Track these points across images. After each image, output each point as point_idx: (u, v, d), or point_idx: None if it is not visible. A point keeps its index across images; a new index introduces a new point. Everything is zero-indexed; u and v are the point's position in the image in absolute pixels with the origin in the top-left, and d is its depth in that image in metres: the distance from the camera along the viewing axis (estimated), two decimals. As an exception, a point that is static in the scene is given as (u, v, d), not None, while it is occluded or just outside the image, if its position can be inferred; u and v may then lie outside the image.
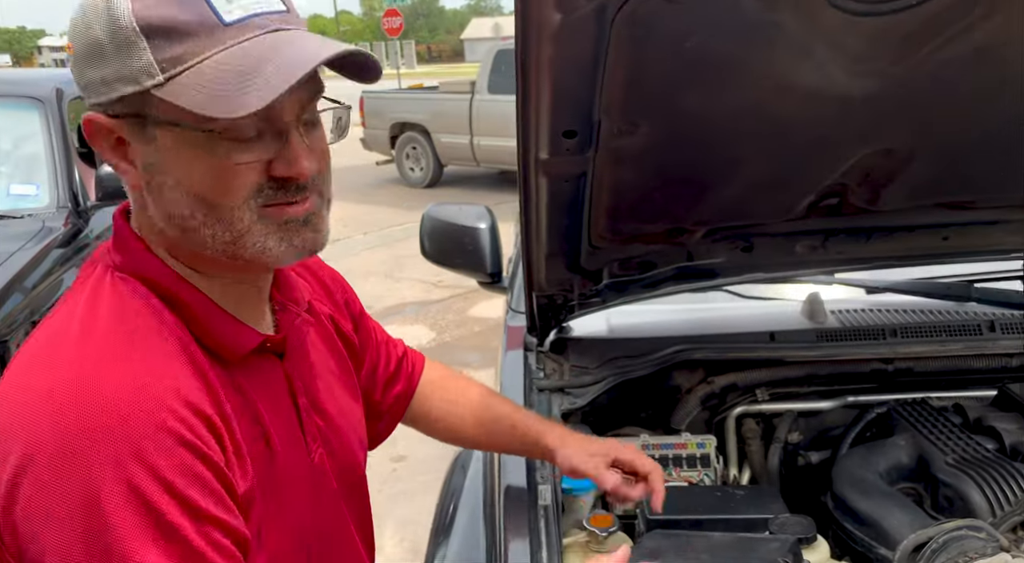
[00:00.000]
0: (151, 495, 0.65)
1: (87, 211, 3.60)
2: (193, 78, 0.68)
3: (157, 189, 0.74)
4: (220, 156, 0.71)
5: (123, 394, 0.66)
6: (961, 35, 1.07)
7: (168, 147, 0.72)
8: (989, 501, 1.22)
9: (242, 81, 0.67)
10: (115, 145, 0.74)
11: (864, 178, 1.38)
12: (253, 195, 0.73)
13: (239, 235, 0.74)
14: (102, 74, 0.71)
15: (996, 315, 1.62)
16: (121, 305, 0.73)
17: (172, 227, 0.75)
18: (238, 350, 0.79)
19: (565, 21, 1.00)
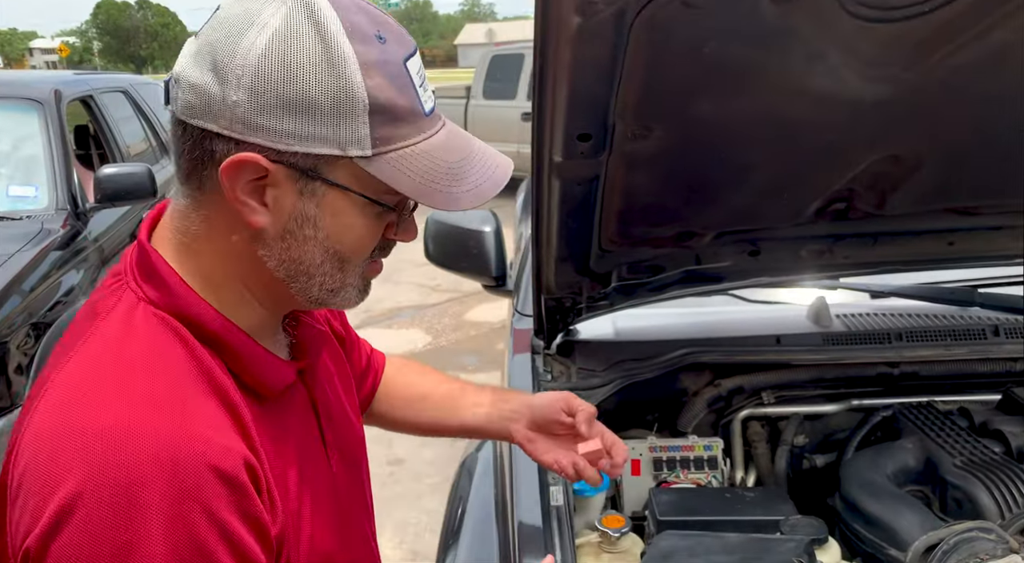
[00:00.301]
0: (203, 537, 0.65)
1: (86, 213, 3.58)
2: (400, 162, 0.72)
3: (302, 239, 0.74)
4: (379, 225, 0.77)
5: (165, 440, 0.66)
6: (972, 42, 1.09)
7: (332, 207, 0.73)
8: (998, 503, 1.23)
9: (453, 179, 0.74)
10: (255, 183, 0.72)
11: (872, 183, 1.39)
12: (371, 254, 0.80)
13: (342, 287, 0.79)
14: (299, 128, 0.70)
15: (1000, 320, 1.64)
16: (157, 346, 0.72)
17: (287, 271, 0.76)
18: (276, 387, 0.80)
19: (584, 25, 1.02)
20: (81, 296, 3.27)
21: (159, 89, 5.02)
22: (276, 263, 0.75)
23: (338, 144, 0.70)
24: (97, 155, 4.69)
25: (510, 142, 8.71)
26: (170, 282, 0.75)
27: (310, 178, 0.71)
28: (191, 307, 0.75)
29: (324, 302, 0.80)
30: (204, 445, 0.67)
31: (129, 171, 3.65)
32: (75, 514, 0.63)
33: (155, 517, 0.63)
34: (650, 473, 1.52)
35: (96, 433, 0.65)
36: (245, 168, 0.70)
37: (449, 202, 0.73)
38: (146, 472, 0.64)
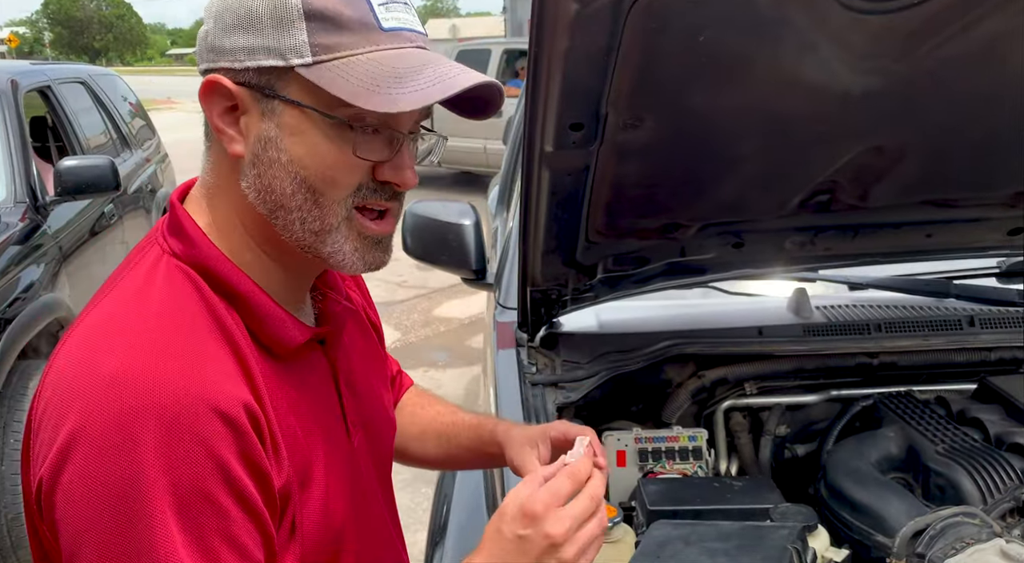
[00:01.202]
0: (201, 475, 0.67)
1: (46, 206, 3.48)
2: (343, 69, 0.72)
3: (267, 163, 0.75)
4: (342, 147, 0.74)
5: (173, 383, 0.68)
6: (962, 33, 1.10)
7: (291, 126, 0.74)
8: (980, 489, 1.25)
9: (398, 82, 0.71)
10: (226, 111, 0.76)
11: (856, 175, 1.41)
12: (353, 193, 0.77)
13: (325, 229, 0.77)
14: (247, 42, 0.73)
15: (975, 310, 1.68)
16: (174, 296, 0.74)
17: (265, 203, 0.76)
18: (289, 344, 0.80)
19: (582, 11, 1.01)
20: (41, 291, 3.17)
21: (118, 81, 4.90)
22: (254, 195, 0.77)
23: (280, 54, 0.72)
24: (55, 147, 4.55)
25: (476, 138, 8.69)
26: (192, 234, 0.78)
27: (267, 97, 0.74)
28: (208, 258, 0.77)
29: (314, 248, 0.78)
30: (207, 387, 0.69)
31: (91, 163, 3.56)
32: (75, 450, 0.66)
33: (152, 454, 0.65)
34: (636, 464, 1.53)
35: (104, 375, 0.68)
36: (214, 92, 0.75)
37: (386, 103, 0.71)
38: (146, 412, 0.66)
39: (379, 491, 0.94)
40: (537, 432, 1.06)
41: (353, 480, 0.87)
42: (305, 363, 0.83)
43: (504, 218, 2.96)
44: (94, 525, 0.65)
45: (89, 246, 3.79)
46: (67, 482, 0.66)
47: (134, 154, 4.96)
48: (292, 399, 0.79)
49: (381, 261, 0.81)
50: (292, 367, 0.81)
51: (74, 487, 0.66)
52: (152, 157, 5.33)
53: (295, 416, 0.79)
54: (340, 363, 0.89)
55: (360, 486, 0.89)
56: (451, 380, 4.54)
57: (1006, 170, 1.42)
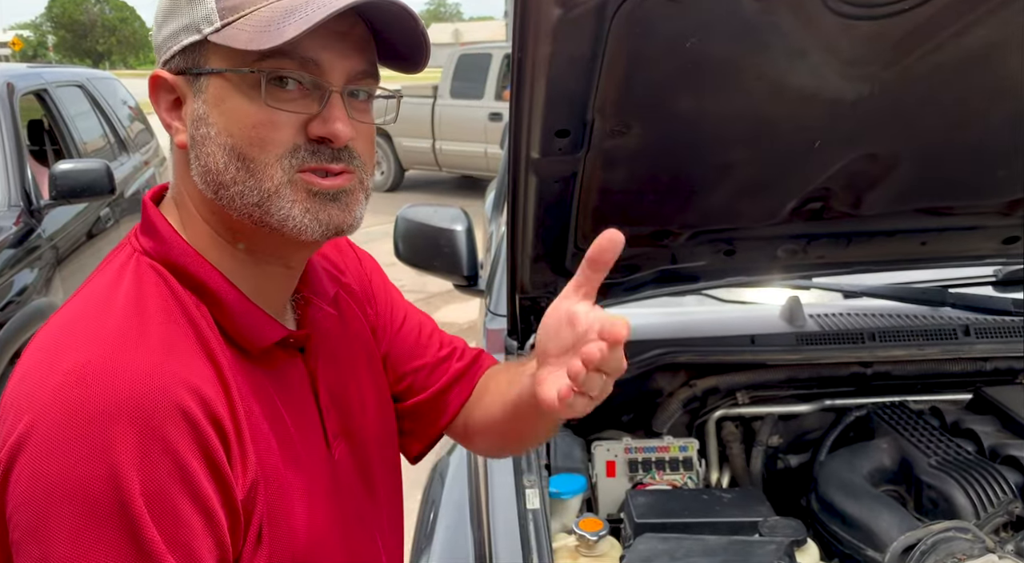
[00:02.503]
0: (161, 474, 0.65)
1: (40, 210, 3.47)
2: (245, 23, 0.72)
3: (200, 142, 0.74)
4: (259, 103, 0.72)
5: (132, 376, 0.66)
6: (951, 41, 1.09)
7: (214, 96, 0.74)
8: (973, 503, 1.23)
9: (283, 19, 0.70)
10: (172, 105, 0.77)
11: (849, 182, 1.39)
12: (288, 154, 0.73)
13: (266, 196, 0.74)
14: (173, 27, 0.75)
15: (971, 320, 1.66)
16: (140, 291, 0.73)
17: (208, 185, 0.75)
18: (260, 342, 0.78)
19: (565, 17, 0.99)
20: (35, 295, 3.16)
21: (117, 85, 4.88)
22: (199, 179, 0.76)
23: (196, 28, 0.73)
24: (52, 151, 4.54)
25: (477, 142, 8.68)
26: (162, 231, 0.77)
27: (195, 76, 0.74)
28: (177, 254, 0.76)
29: (263, 221, 0.74)
30: (170, 383, 0.67)
31: (86, 167, 3.54)
32: (28, 446, 0.64)
33: (110, 452, 0.64)
34: (625, 475, 1.51)
35: (61, 370, 0.66)
36: (158, 89, 0.76)
37: (274, 37, 0.69)
38: (104, 407, 0.65)
39: (366, 504, 0.91)
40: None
41: (333, 493, 0.84)
42: (282, 370, 0.81)
43: (499, 223, 2.94)
44: (44, 522, 0.63)
45: (84, 250, 3.77)
46: (17, 478, 0.65)
47: (132, 158, 4.95)
48: (265, 403, 0.77)
49: (341, 221, 0.76)
50: (268, 371, 0.79)
51: (23, 483, 0.64)
52: (150, 161, 5.32)
53: (268, 420, 0.77)
54: (320, 373, 0.86)
55: (341, 499, 0.86)
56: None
57: (1000, 178, 1.40)
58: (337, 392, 0.88)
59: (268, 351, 0.79)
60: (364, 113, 0.80)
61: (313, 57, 0.73)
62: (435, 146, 9.32)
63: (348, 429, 0.89)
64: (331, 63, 0.74)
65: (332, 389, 0.87)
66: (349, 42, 0.75)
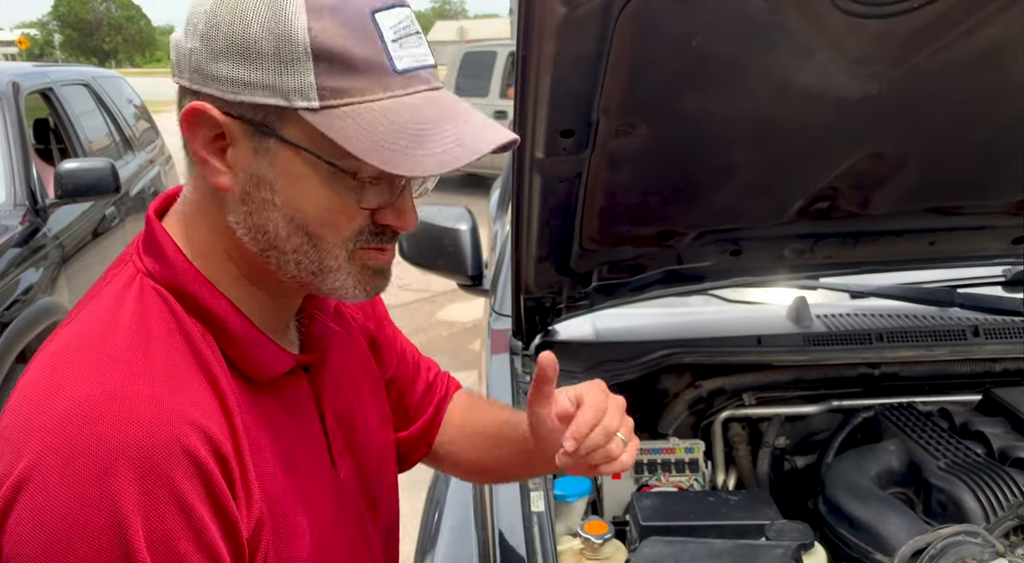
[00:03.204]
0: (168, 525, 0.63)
1: (45, 209, 3.47)
2: (354, 118, 0.66)
3: (259, 203, 0.70)
4: (342, 195, 0.69)
5: (137, 416, 0.63)
6: (961, 38, 1.07)
7: (287, 169, 0.68)
8: (983, 506, 1.22)
9: (418, 141, 0.66)
10: (213, 140, 0.69)
11: (856, 182, 1.38)
12: (354, 237, 0.72)
13: (326, 271, 0.72)
14: (244, 75, 0.66)
15: (980, 320, 1.64)
16: (144, 319, 0.70)
17: (256, 242, 0.72)
18: (271, 373, 0.76)
19: (570, 16, 0.98)
20: (40, 294, 3.16)
21: (123, 83, 4.86)
22: (244, 232, 0.72)
23: (283, 93, 0.66)
24: (57, 150, 4.55)
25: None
26: (168, 253, 0.73)
27: (263, 134, 0.68)
28: (184, 280, 0.72)
29: (314, 286, 0.74)
30: (178, 424, 0.65)
31: (91, 166, 3.54)
32: (30, 486, 0.61)
33: (119, 497, 0.61)
34: (631, 477, 1.50)
35: (66, 404, 0.63)
36: (199, 120, 0.68)
37: (409, 166, 0.65)
38: (112, 448, 0.62)
39: (368, 520, 0.90)
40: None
41: (339, 513, 0.83)
42: (287, 392, 0.79)
43: (504, 222, 2.93)
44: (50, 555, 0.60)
45: (90, 249, 3.78)
46: (15, 524, 0.61)
47: (137, 156, 4.95)
48: (271, 432, 0.75)
49: (382, 287, 0.78)
50: (272, 396, 0.77)
51: (22, 530, 0.61)
52: (156, 159, 5.33)
53: (273, 450, 0.75)
54: (325, 391, 0.84)
55: (346, 519, 0.85)
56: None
57: (1009, 177, 1.39)
58: (341, 410, 0.86)
59: (275, 378, 0.77)
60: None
61: None
62: (440, 144, 9.30)
63: (352, 447, 0.87)
64: None
65: (336, 407, 0.86)
66: None
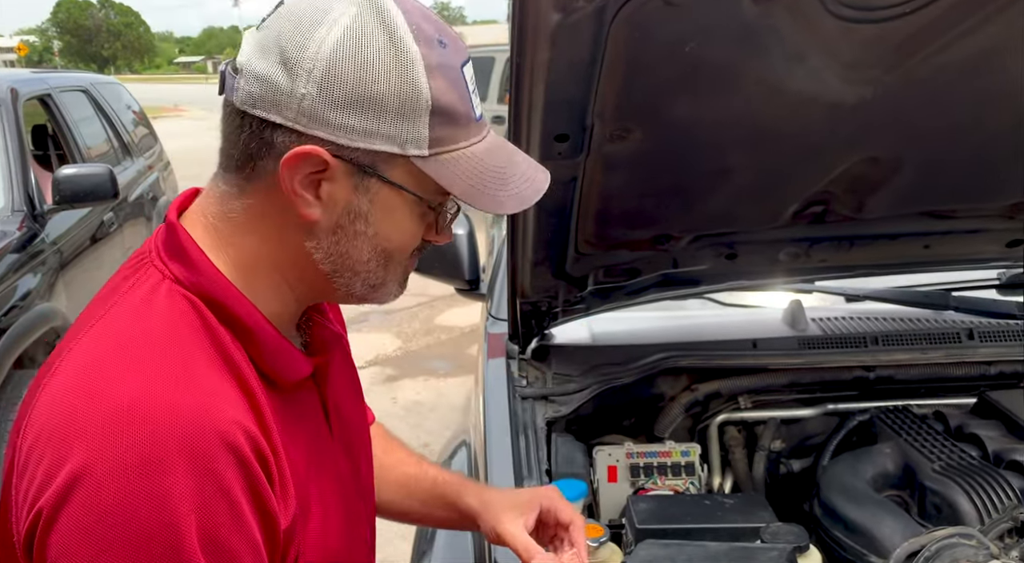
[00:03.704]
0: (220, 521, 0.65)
1: (43, 215, 3.47)
2: (452, 163, 0.74)
3: (352, 234, 0.76)
4: (422, 223, 0.78)
5: (185, 415, 0.65)
6: (954, 43, 1.08)
7: (385, 204, 0.75)
8: (977, 508, 1.22)
9: (499, 183, 0.76)
10: (312, 176, 0.73)
11: (851, 186, 1.39)
12: (412, 253, 0.81)
13: (383, 283, 0.80)
14: (365, 125, 0.72)
15: (974, 323, 1.65)
16: (176, 325, 0.72)
17: (333, 265, 0.77)
18: (293, 377, 0.79)
19: (563, 22, 0.99)
20: (38, 300, 3.16)
21: (122, 89, 4.86)
22: (323, 256, 0.77)
23: (398, 142, 0.72)
24: (56, 156, 4.56)
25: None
26: (198, 262, 0.75)
27: (367, 174, 0.73)
28: (217, 288, 0.75)
29: (364, 298, 0.81)
30: (223, 423, 0.67)
31: (89, 172, 3.55)
32: (81, 487, 0.62)
33: (176, 494, 0.63)
34: (627, 480, 1.50)
35: (113, 405, 0.64)
36: (307, 161, 0.72)
37: (496, 205, 0.76)
38: (166, 448, 0.63)
39: (362, 513, 0.93)
40: (525, 499, 1.01)
41: (346, 508, 0.87)
42: (301, 395, 0.82)
43: (501, 226, 2.94)
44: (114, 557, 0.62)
45: (88, 255, 3.78)
46: (68, 522, 0.62)
47: (135, 162, 4.96)
48: (293, 432, 0.78)
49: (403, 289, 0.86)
50: (290, 399, 0.80)
51: (76, 528, 0.62)
52: (154, 165, 5.33)
53: (297, 450, 0.78)
54: (329, 392, 0.87)
55: (351, 512, 0.88)
56: (452, 389, 4.51)
57: (1003, 181, 1.39)
58: (341, 409, 0.90)
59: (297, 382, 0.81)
60: None
61: None
62: (438, 149, 9.33)
63: (349, 446, 0.90)
64: None
65: (338, 408, 0.89)
66: None
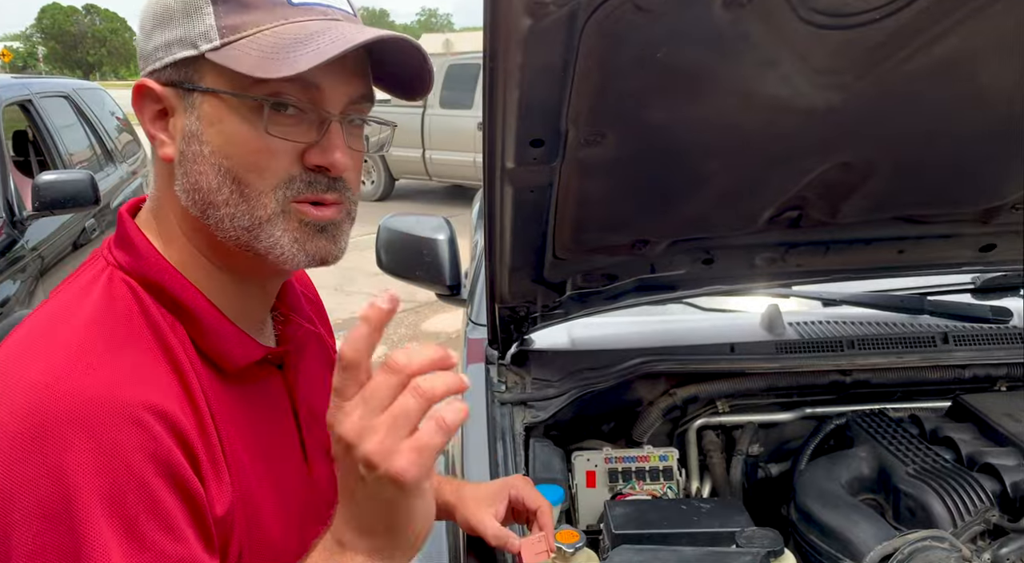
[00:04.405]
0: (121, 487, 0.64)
1: (23, 221, 3.45)
2: (248, 46, 0.70)
3: (191, 159, 0.73)
4: (259, 129, 0.71)
5: (100, 391, 0.65)
6: (923, 49, 1.09)
7: (210, 115, 0.72)
8: (950, 511, 1.23)
9: (294, 47, 0.69)
10: (157, 115, 0.74)
11: (824, 191, 1.39)
12: (283, 184, 0.73)
13: (257, 223, 0.73)
14: (165, 38, 0.73)
15: (949, 327, 1.66)
16: (109, 308, 0.72)
17: (195, 203, 0.74)
18: (238, 361, 0.77)
19: (535, 27, 0.99)
20: (17, 307, 3.14)
21: (105, 95, 4.88)
22: (185, 196, 0.74)
23: (192, 43, 0.71)
24: (37, 162, 4.52)
25: (467, 152, 8.69)
26: (138, 246, 0.75)
27: (188, 90, 0.72)
28: (153, 270, 0.74)
29: (250, 245, 0.74)
30: (130, 399, 0.66)
31: (69, 178, 3.53)
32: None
33: (71, 461, 0.63)
34: (606, 485, 1.50)
35: (24, 381, 0.65)
36: (143, 98, 0.74)
37: (287, 66, 0.68)
38: (64, 418, 0.63)
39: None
40: (495, 489, 1.03)
41: (312, 512, 0.83)
42: (261, 387, 0.80)
43: (482, 231, 2.94)
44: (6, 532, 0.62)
45: (69, 261, 3.75)
46: None
47: (118, 168, 4.93)
48: (243, 422, 0.76)
49: (327, 252, 0.76)
50: (246, 389, 0.78)
51: None
52: (138, 171, 5.30)
53: (245, 440, 0.76)
54: (299, 389, 0.85)
55: (319, 518, 0.84)
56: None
57: (975, 186, 1.41)
58: (316, 408, 0.87)
59: (246, 369, 0.78)
60: (357, 139, 0.79)
61: (315, 82, 0.72)
62: (425, 155, 9.33)
63: (327, 446, 0.88)
64: (332, 88, 0.73)
65: (311, 405, 0.86)
66: (348, 66, 0.74)
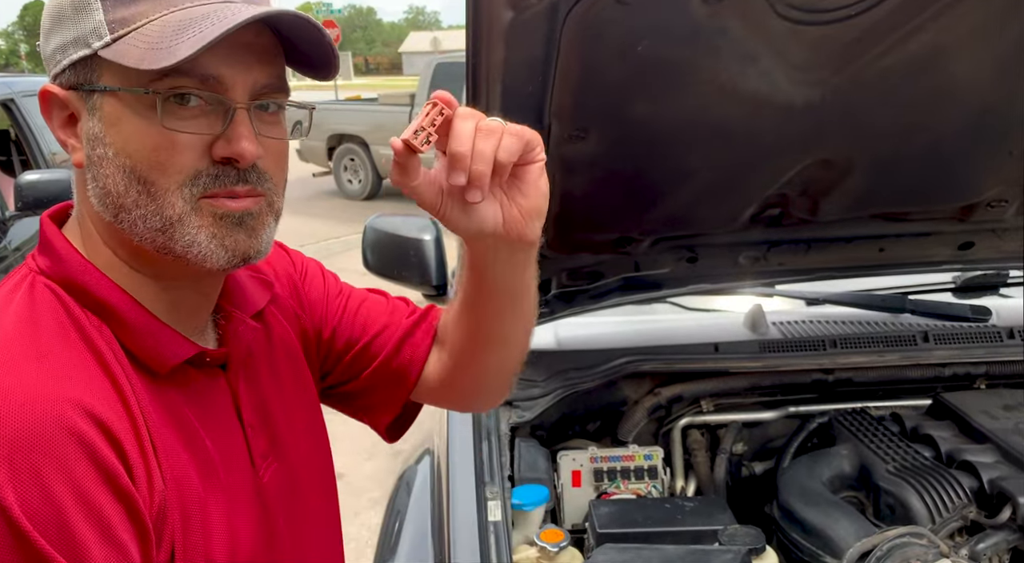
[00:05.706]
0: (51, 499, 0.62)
1: (5, 222, 3.42)
2: (135, 39, 0.68)
3: (97, 162, 0.70)
4: (157, 125, 0.69)
5: (17, 398, 0.63)
6: (898, 45, 1.10)
7: (110, 116, 0.69)
8: (928, 508, 1.24)
9: (177, 35, 0.66)
10: (66, 121, 0.72)
11: (804, 188, 1.40)
12: (190, 180, 0.70)
13: (169, 223, 0.70)
14: (61, 39, 0.71)
15: (929, 326, 1.67)
16: (33, 312, 0.69)
17: (107, 208, 0.71)
18: (167, 361, 0.74)
19: (516, 20, 0.99)
20: (-2, 307, 3.11)
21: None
22: (97, 202, 0.72)
23: (85, 42, 0.69)
24: (19, 161, 4.48)
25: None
26: (59, 249, 0.73)
27: (87, 92, 0.70)
28: (75, 272, 0.72)
29: (167, 247, 0.71)
30: (57, 402, 0.64)
31: (52, 178, 3.49)
32: None
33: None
34: (591, 484, 1.50)
35: None
36: (50, 104, 0.73)
37: (167, 56, 0.65)
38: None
39: (299, 528, 0.87)
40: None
41: (260, 517, 0.81)
42: (200, 389, 0.77)
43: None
44: None
45: (50, 261, 3.72)
46: None
47: (102, 167, 4.89)
48: (179, 425, 0.74)
49: (247, 247, 0.72)
50: (183, 391, 0.75)
51: None
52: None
53: (182, 443, 0.73)
54: (244, 391, 0.82)
55: (269, 523, 0.82)
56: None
57: (952, 182, 1.42)
58: (265, 411, 0.84)
59: (181, 371, 0.75)
60: (273, 127, 0.74)
61: (214, 73, 0.68)
62: (412, 155, 9.31)
63: (278, 449, 0.85)
64: (234, 78, 0.69)
65: (258, 408, 0.83)
66: (254, 53, 0.71)
